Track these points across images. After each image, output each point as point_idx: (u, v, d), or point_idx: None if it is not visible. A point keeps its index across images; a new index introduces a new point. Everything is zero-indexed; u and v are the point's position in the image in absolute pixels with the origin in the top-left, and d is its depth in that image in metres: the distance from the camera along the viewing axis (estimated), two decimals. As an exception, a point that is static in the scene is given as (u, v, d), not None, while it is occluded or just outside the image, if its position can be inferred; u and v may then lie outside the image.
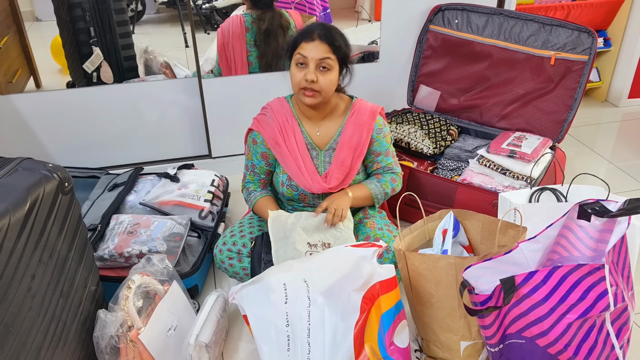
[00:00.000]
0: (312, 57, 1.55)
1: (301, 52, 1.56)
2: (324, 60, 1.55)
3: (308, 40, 1.55)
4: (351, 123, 1.69)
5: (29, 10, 2.37)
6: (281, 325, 1.33)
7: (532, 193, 1.71)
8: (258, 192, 1.76)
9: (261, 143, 1.70)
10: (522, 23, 2.21)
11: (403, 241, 1.52)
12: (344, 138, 1.69)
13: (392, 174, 1.78)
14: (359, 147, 1.69)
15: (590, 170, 2.52)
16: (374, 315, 1.32)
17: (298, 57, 1.57)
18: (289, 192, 1.73)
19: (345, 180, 1.70)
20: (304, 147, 1.69)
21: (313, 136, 1.71)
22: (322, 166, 1.70)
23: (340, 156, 1.68)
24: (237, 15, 2.42)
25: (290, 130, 1.69)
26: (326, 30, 1.57)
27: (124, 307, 1.34)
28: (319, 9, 2.59)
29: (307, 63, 1.55)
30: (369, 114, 1.70)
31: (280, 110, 1.70)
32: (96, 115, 2.38)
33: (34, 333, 1.14)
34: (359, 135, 1.69)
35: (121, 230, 1.73)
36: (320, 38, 1.55)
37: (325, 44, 1.55)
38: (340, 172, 1.69)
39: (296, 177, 1.69)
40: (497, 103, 2.31)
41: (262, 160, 1.73)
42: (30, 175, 1.16)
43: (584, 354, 1.17)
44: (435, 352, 1.47)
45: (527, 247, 1.27)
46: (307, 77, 1.55)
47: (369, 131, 1.69)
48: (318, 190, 1.68)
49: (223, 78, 2.44)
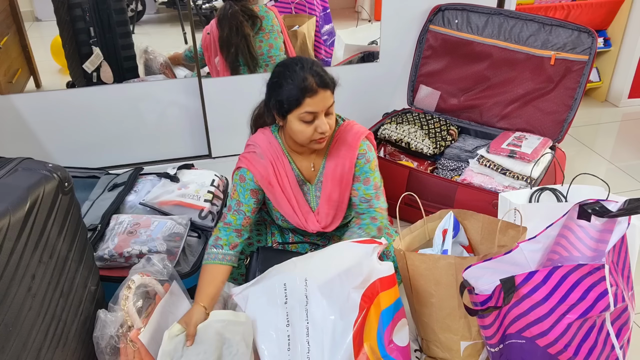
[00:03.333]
0: (321, 110, 1.42)
1: (309, 110, 1.41)
2: (331, 107, 1.45)
3: (312, 95, 1.39)
4: (333, 154, 1.58)
5: (29, 10, 2.37)
6: (282, 325, 1.33)
7: (532, 193, 1.71)
8: (220, 254, 1.52)
9: (250, 180, 1.55)
10: (522, 23, 2.21)
11: (403, 241, 1.52)
12: (328, 171, 1.58)
13: (371, 211, 1.58)
14: (344, 178, 1.57)
15: (590, 170, 2.52)
16: (373, 313, 1.32)
17: (305, 116, 1.41)
18: (285, 224, 1.69)
19: (338, 215, 1.62)
20: (296, 185, 1.59)
21: (304, 171, 1.60)
22: (314, 201, 1.62)
23: (327, 191, 1.59)
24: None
25: (282, 169, 1.57)
26: (320, 76, 1.42)
27: (124, 307, 1.34)
28: (319, 9, 2.59)
29: (316, 117, 1.43)
30: (351, 139, 1.57)
31: (269, 149, 1.56)
32: (96, 115, 2.38)
33: (34, 333, 1.14)
34: (341, 166, 1.57)
35: (121, 230, 1.73)
36: (321, 86, 1.41)
37: (327, 90, 1.42)
38: (329, 207, 1.60)
39: (291, 218, 1.61)
40: (497, 103, 2.31)
41: (252, 198, 1.57)
42: (30, 175, 1.16)
43: (584, 354, 1.17)
44: (435, 352, 1.47)
45: (527, 247, 1.27)
46: (322, 129, 1.43)
47: (352, 159, 1.56)
48: (312, 230, 1.62)
49: (223, 78, 2.45)
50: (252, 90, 1.62)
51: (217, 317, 1.38)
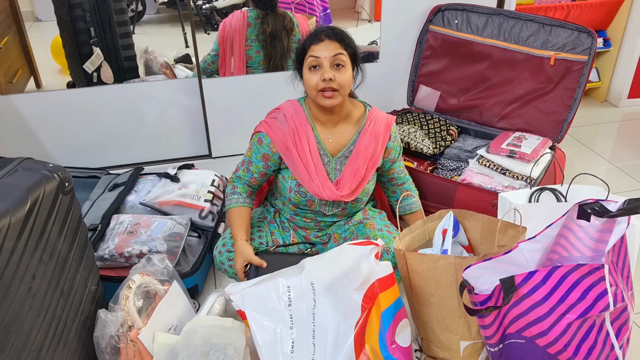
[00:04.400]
0: (325, 56, 1.52)
1: (313, 54, 1.53)
2: (337, 57, 1.53)
3: (317, 42, 1.54)
4: (368, 132, 1.67)
5: (29, 11, 2.38)
6: (285, 328, 1.33)
7: (531, 193, 1.71)
8: (241, 198, 1.69)
9: (267, 145, 1.65)
10: (521, 23, 2.22)
11: (403, 241, 1.52)
12: (360, 147, 1.66)
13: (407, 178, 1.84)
14: (374, 157, 1.68)
15: (590, 170, 2.52)
16: (375, 314, 1.32)
17: (310, 60, 1.54)
18: (296, 197, 1.69)
19: (357, 190, 1.68)
20: (317, 153, 1.66)
21: (325, 142, 1.68)
22: (332, 173, 1.68)
23: (355, 165, 1.66)
24: (242, 10, 2.44)
25: (303, 135, 1.65)
26: (333, 30, 1.56)
27: (124, 307, 1.34)
28: (319, 9, 2.59)
29: (321, 64, 1.53)
30: (385, 124, 1.70)
31: (294, 115, 1.66)
32: (96, 115, 2.38)
33: (34, 333, 1.14)
34: (374, 145, 1.67)
35: (121, 230, 1.73)
36: (329, 37, 1.54)
37: (334, 41, 1.54)
38: (353, 180, 1.66)
39: (306, 183, 1.64)
40: (497, 103, 2.31)
41: (262, 162, 1.68)
42: (31, 176, 1.16)
43: (584, 354, 1.17)
44: (435, 352, 1.47)
45: (527, 247, 1.27)
46: (324, 76, 1.52)
47: (384, 141, 1.69)
48: (328, 197, 1.65)
49: (223, 78, 2.45)
50: (253, 90, 1.62)
51: (201, 322, 1.35)
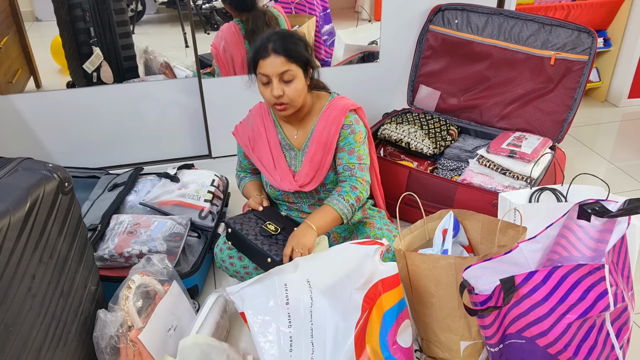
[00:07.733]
0: (272, 74, 1.53)
1: (261, 71, 1.54)
2: (284, 74, 1.53)
3: (264, 57, 1.53)
4: (323, 119, 1.68)
5: (29, 11, 2.37)
6: (283, 326, 1.33)
7: (532, 193, 1.71)
8: (247, 177, 1.88)
9: (238, 145, 1.83)
10: (522, 23, 2.21)
11: (403, 241, 1.52)
12: (315, 134, 1.68)
13: (352, 179, 1.65)
14: (329, 142, 1.67)
15: (590, 170, 2.52)
16: (376, 314, 1.32)
17: (260, 77, 1.56)
18: (272, 192, 1.78)
19: (317, 177, 1.69)
20: (277, 147, 1.72)
21: (291, 138, 1.73)
22: (299, 166, 1.71)
23: (311, 152, 1.68)
24: (229, 24, 2.41)
25: (264, 133, 1.74)
26: (279, 41, 1.53)
27: (124, 307, 1.34)
28: (319, 9, 2.59)
29: (270, 80, 1.54)
30: (340, 109, 1.67)
31: (257, 115, 1.76)
32: (96, 115, 2.38)
33: (34, 333, 1.14)
34: (328, 130, 1.66)
35: (121, 230, 1.73)
36: (275, 51, 1.52)
37: (281, 56, 1.52)
38: (309, 168, 1.68)
39: (268, 177, 1.73)
40: (497, 103, 2.31)
41: (245, 160, 1.85)
42: (31, 176, 1.16)
43: (584, 354, 1.17)
44: (435, 352, 1.47)
45: (527, 247, 1.27)
46: (273, 93, 1.54)
47: (338, 126, 1.66)
48: (287, 188, 1.69)
49: (223, 78, 2.44)
50: (253, 90, 1.63)
51: (202, 339, 1.37)
